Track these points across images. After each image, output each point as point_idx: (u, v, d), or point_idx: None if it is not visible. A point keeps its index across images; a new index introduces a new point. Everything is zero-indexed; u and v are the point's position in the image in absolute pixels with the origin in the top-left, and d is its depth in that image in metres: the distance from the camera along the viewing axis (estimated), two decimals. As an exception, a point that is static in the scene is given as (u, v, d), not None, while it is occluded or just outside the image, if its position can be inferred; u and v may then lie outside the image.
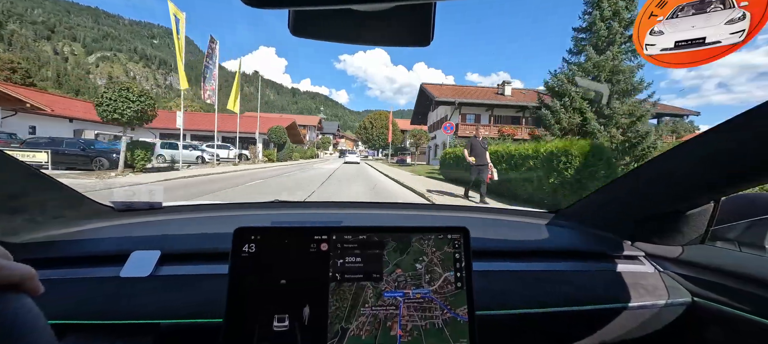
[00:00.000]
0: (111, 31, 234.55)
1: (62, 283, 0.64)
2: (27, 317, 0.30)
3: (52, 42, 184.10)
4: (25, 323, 0.30)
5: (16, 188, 0.70)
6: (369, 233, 0.58)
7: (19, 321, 0.29)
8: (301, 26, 0.41)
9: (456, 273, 0.59)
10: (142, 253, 0.70)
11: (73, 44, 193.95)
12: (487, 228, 1.03)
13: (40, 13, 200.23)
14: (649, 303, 0.79)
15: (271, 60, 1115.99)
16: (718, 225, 0.87)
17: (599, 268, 0.86)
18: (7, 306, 0.29)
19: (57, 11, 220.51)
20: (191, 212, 1.07)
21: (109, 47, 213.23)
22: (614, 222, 0.98)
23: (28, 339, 0.29)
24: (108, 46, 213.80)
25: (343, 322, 0.54)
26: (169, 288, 0.65)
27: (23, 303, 0.31)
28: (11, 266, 0.32)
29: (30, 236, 0.75)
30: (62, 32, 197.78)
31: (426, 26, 0.41)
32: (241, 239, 0.54)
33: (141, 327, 0.59)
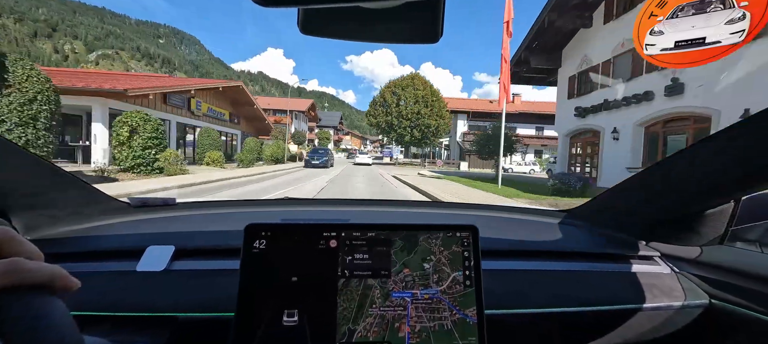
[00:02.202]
0: (115, 29, 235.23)
1: (81, 277, 0.66)
2: (58, 319, 0.31)
3: (54, 40, 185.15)
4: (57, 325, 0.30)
5: (40, 185, 0.74)
6: (377, 230, 0.58)
7: (51, 323, 0.30)
8: (311, 25, 0.42)
9: (465, 271, 0.58)
10: (156, 248, 0.72)
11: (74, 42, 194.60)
12: (496, 227, 1.03)
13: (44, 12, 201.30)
14: (664, 305, 0.77)
15: (279, 61, 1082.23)
16: (739, 225, 0.84)
17: (613, 268, 0.84)
18: (40, 308, 0.30)
19: (62, 10, 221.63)
20: (203, 208, 1.11)
21: (110, 45, 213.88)
22: (628, 222, 0.96)
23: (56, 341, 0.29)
24: (109, 45, 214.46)
25: (350, 323, 0.54)
26: (182, 283, 0.68)
27: (54, 305, 0.31)
28: (42, 267, 0.32)
29: (51, 232, 0.78)
30: (64, 30, 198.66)
31: (434, 23, 0.42)
32: (252, 236, 0.55)
33: (157, 320, 0.62)
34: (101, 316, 0.61)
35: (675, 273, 0.86)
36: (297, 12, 0.42)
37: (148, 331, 0.61)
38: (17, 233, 0.33)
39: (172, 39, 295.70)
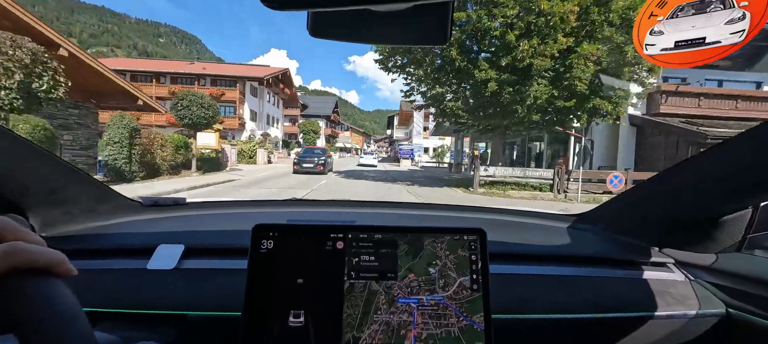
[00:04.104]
0: (112, 28, 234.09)
1: (94, 273, 0.68)
2: (63, 302, 0.32)
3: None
4: (62, 307, 0.31)
5: (57, 184, 0.75)
6: (383, 232, 0.58)
7: (56, 305, 0.30)
8: (320, 27, 0.42)
9: (472, 275, 0.57)
10: (167, 247, 0.73)
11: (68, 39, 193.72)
12: (504, 230, 1.00)
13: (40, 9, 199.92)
14: (678, 313, 0.75)
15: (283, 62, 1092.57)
16: (757, 232, 0.80)
17: (624, 274, 0.82)
18: (41, 289, 0.31)
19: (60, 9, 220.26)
20: (212, 208, 1.13)
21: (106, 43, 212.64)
22: (640, 227, 0.94)
23: (65, 322, 0.30)
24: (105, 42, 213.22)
25: (355, 330, 0.53)
26: (192, 281, 0.69)
27: (58, 289, 0.32)
28: (41, 250, 0.33)
29: (66, 229, 0.79)
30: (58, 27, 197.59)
31: (443, 24, 0.42)
32: (260, 236, 0.55)
33: (167, 317, 0.62)
34: (113, 313, 0.62)
35: (689, 280, 0.83)
36: (306, 15, 0.42)
37: (158, 328, 0.62)
38: (17, 224, 0.34)
39: (173, 38, 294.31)
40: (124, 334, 0.55)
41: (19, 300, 0.30)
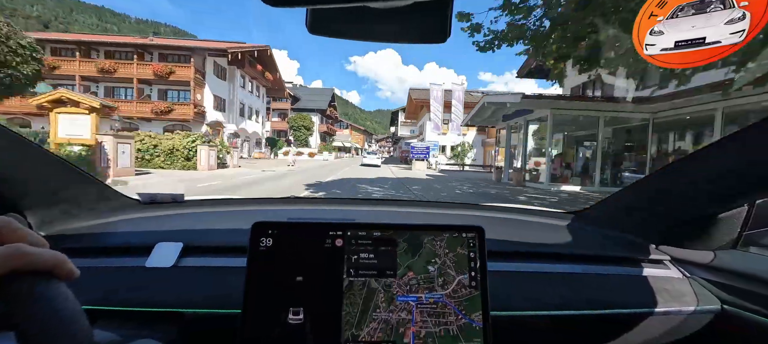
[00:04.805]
0: (112, 27, 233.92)
1: (93, 272, 0.67)
2: (64, 303, 0.32)
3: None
4: (62, 308, 0.31)
5: (55, 182, 0.75)
6: (382, 230, 0.58)
7: (57, 306, 0.31)
8: (319, 24, 0.42)
9: (470, 273, 0.57)
10: (165, 245, 0.73)
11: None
12: (502, 228, 1.01)
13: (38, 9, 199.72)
14: (675, 310, 0.76)
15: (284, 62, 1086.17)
16: (753, 230, 0.82)
17: (622, 271, 0.83)
18: (42, 291, 0.31)
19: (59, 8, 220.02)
20: (211, 206, 1.12)
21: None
22: (637, 225, 0.94)
23: (65, 324, 0.30)
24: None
25: (353, 328, 0.53)
26: (190, 279, 0.68)
27: (59, 290, 0.32)
28: (43, 252, 0.33)
29: (65, 227, 0.79)
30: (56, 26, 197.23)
31: (443, 22, 0.42)
32: (259, 234, 0.55)
33: (165, 315, 0.62)
34: (111, 311, 0.61)
35: (686, 277, 0.84)
36: (305, 12, 0.42)
37: (157, 326, 0.61)
38: (19, 224, 0.34)
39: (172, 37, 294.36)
40: (123, 332, 0.55)
41: (21, 301, 0.30)
